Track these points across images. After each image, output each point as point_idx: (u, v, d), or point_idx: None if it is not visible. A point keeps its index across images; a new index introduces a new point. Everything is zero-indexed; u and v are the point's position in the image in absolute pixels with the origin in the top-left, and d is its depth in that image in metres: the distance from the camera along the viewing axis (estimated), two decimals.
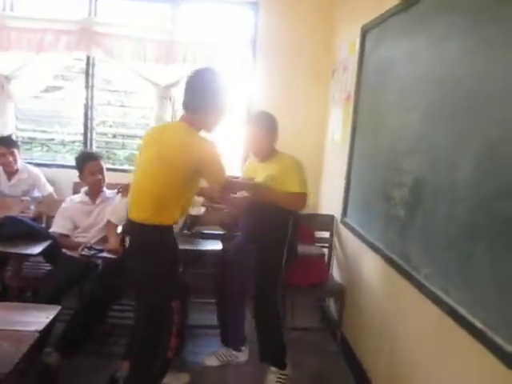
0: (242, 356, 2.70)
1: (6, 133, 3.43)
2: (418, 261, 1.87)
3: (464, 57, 1.59)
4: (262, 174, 2.45)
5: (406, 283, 1.96)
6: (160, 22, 3.66)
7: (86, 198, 2.85)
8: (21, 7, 3.69)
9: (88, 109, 3.73)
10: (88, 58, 3.66)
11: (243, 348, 2.70)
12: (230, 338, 2.67)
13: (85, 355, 2.49)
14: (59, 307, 1.86)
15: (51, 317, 1.76)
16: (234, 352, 2.68)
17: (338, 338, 2.90)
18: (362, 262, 2.64)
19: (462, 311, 1.51)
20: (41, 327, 1.68)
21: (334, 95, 3.44)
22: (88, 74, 3.69)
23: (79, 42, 3.50)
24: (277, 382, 2.43)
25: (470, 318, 1.46)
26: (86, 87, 3.70)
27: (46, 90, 4.03)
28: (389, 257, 2.15)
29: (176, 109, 3.73)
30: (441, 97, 1.75)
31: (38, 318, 1.76)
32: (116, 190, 2.81)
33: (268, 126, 2.44)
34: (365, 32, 2.70)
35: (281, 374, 2.45)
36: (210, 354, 2.67)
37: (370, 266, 2.49)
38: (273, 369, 2.47)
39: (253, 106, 3.62)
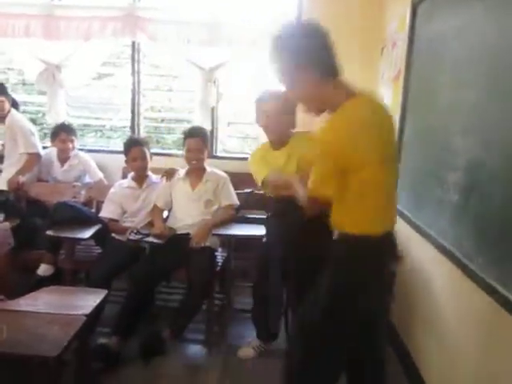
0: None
1: (59, 120, 3.56)
2: (472, 249, 1.75)
3: None
4: (287, 161, 2.18)
5: (458, 272, 1.85)
6: (204, 4, 3.61)
7: (133, 183, 2.91)
8: None
9: (135, 94, 3.78)
10: (133, 44, 3.70)
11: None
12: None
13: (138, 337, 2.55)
14: (106, 291, 1.91)
15: (98, 301, 1.81)
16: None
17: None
18: (411, 249, 2.53)
19: None
20: (88, 311, 1.74)
21: (383, 74, 3.28)
22: (134, 59, 3.73)
23: (124, 27, 3.53)
24: None
25: None
26: (133, 73, 3.75)
27: (98, 78, 4.13)
28: (440, 244, 2.03)
29: (220, 92, 3.70)
30: (499, 72, 1.60)
31: (86, 302, 1.83)
32: (161, 176, 2.87)
33: (292, 103, 2.06)
34: (415, 5, 2.53)
35: None
36: (246, 346, 2.60)
37: (421, 254, 2.37)
38: None
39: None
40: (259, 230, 2.62)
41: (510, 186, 1.49)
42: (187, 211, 2.74)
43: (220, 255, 2.87)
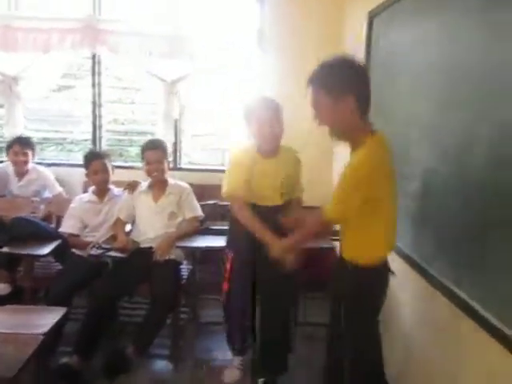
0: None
1: (16, 133, 3.45)
2: (430, 253, 1.81)
3: (478, 40, 1.50)
4: (275, 173, 2.20)
5: (417, 276, 1.90)
6: (165, 17, 3.61)
7: (94, 197, 2.85)
8: (25, 6, 3.68)
9: (96, 107, 3.72)
10: (94, 56, 3.64)
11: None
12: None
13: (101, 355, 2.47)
14: (65, 309, 1.86)
15: (57, 319, 1.75)
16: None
17: None
18: None
19: (476, 305, 1.45)
20: (46, 329, 1.68)
21: None
22: (94, 71, 3.68)
23: (84, 40, 3.48)
24: None
25: (482, 311, 1.41)
26: (93, 85, 3.69)
27: (58, 90, 4.04)
28: (400, 249, 2.08)
29: (183, 104, 3.69)
30: (453, 83, 1.67)
31: (44, 320, 1.76)
32: (123, 188, 2.82)
33: (281, 110, 2.22)
34: (372, 17, 2.61)
35: None
36: (229, 368, 2.48)
37: None
38: None
39: (262, 95, 3.55)
40: (223, 242, 2.61)
41: (463, 194, 1.55)
42: (150, 224, 2.70)
43: (185, 268, 2.83)
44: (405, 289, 2.11)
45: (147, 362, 2.56)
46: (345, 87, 1.56)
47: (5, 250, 2.50)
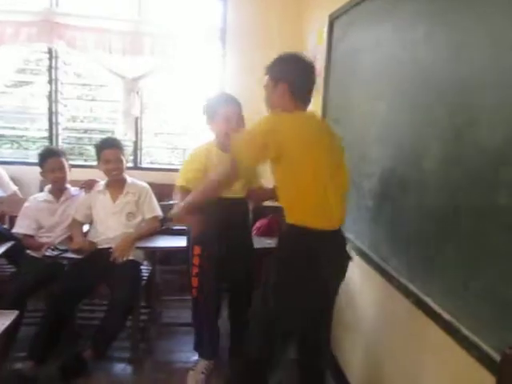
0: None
1: None
2: (387, 252, 1.85)
3: (430, 43, 1.55)
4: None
5: (375, 274, 1.94)
6: (125, 13, 3.54)
7: (50, 197, 2.75)
8: None
9: (52, 103, 3.60)
10: (50, 51, 3.52)
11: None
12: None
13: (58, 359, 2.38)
14: (17, 312, 1.77)
15: (7, 323, 1.68)
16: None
17: None
18: None
19: (429, 301, 1.49)
20: None
21: None
22: (51, 67, 3.55)
23: (40, 33, 3.36)
24: None
25: (436, 308, 1.45)
26: (50, 81, 3.57)
27: (14, 85, 3.89)
28: (359, 247, 2.12)
29: (144, 102, 3.63)
30: (406, 85, 1.71)
31: None
32: (80, 187, 2.75)
33: (241, 107, 2.33)
34: (332, 20, 2.65)
35: None
36: (192, 372, 2.40)
37: None
38: None
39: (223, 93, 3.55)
40: (183, 242, 2.59)
41: (417, 193, 1.59)
42: (108, 224, 2.64)
43: (145, 268, 2.79)
44: (366, 287, 2.16)
45: (106, 364, 2.50)
46: (281, 76, 1.80)
47: None
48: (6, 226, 2.91)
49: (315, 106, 2.96)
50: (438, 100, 1.48)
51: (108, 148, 2.63)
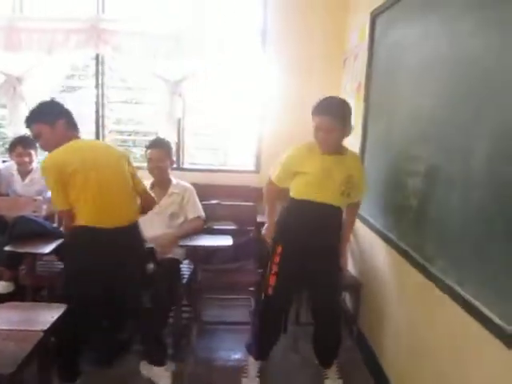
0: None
1: (19, 133, 3.46)
2: (433, 253, 1.79)
3: (478, 36, 1.49)
4: (337, 170, 2.08)
5: (420, 276, 1.88)
6: (168, 17, 3.62)
7: None
8: (30, 8, 3.70)
9: (99, 107, 3.73)
10: (97, 56, 3.66)
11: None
12: None
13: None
14: (65, 306, 1.85)
15: (56, 316, 1.75)
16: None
17: (355, 333, 2.83)
18: (376, 255, 2.57)
19: (478, 305, 1.43)
20: (46, 326, 1.68)
21: (345, 86, 3.35)
22: (98, 72, 3.69)
23: (88, 40, 3.50)
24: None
25: (486, 312, 1.39)
26: (97, 85, 3.70)
27: (64, 90, 4.05)
28: (402, 249, 2.07)
29: (186, 104, 3.70)
30: (454, 79, 1.66)
31: (44, 317, 1.76)
32: None
33: (344, 115, 2.06)
34: (374, 17, 2.61)
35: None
36: (247, 379, 2.36)
37: (384, 259, 2.41)
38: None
39: (264, 98, 3.57)
40: (225, 241, 2.61)
41: (466, 191, 1.54)
42: (151, 224, 2.68)
43: (187, 267, 2.83)
44: (407, 288, 2.10)
45: None
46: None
47: (7, 248, 2.51)
48: (55, 225, 3.03)
49: (357, 105, 2.93)
50: (488, 96, 1.43)
51: (152, 148, 2.71)
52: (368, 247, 2.76)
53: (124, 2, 3.74)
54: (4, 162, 3.36)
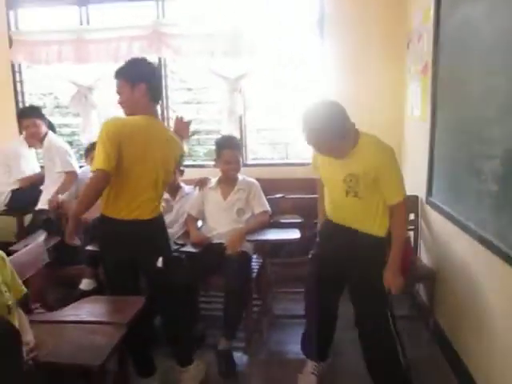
0: None
1: (92, 140, 3.65)
2: None
3: None
4: (340, 171, 1.98)
5: (503, 264, 1.77)
6: (225, 16, 3.66)
7: (166, 195, 2.94)
8: (96, 19, 3.90)
9: (164, 109, 3.86)
10: (160, 60, 3.78)
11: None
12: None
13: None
14: (143, 299, 1.93)
15: (136, 309, 1.83)
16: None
17: (431, 325, 2.72)
18: (452, 244, 2.45)
19: None
20: (127, 319, 1.76)
21: (409, 68, 3.23)
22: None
23: (151, 45, 3.63)
24: None
25: None
26: None
27: None
28: (482, 237, 1.96)
29: (246, 100, 3.73)
30: None
31: (125, 311, 1.85)
32: (194, 185, 2.91)
33: (327, 125, 1.85)
34: None
35: None
36: (303, 375, 2.29)
37: (462, 248, 2.29)
38: None
39: (324, 86, 3.52)
40: (293, 234, 2.61)
41: None
42: (219, 220, 2.74)
43: (255, 261, 2.86)
44: (491, 278, 1.99)
45: None
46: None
47: (88, 248, 2.66)
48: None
49: (423, 88, 2.81)
50: None
51: (228, 148, 2.73)
52: (442, 235, 2.64)
53: (182, 5, 3.83)
54: (81, 167, 3.57)
